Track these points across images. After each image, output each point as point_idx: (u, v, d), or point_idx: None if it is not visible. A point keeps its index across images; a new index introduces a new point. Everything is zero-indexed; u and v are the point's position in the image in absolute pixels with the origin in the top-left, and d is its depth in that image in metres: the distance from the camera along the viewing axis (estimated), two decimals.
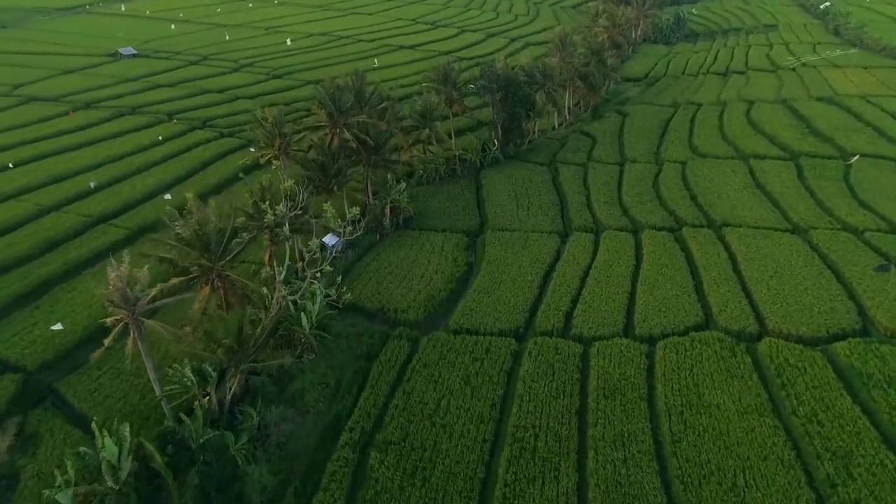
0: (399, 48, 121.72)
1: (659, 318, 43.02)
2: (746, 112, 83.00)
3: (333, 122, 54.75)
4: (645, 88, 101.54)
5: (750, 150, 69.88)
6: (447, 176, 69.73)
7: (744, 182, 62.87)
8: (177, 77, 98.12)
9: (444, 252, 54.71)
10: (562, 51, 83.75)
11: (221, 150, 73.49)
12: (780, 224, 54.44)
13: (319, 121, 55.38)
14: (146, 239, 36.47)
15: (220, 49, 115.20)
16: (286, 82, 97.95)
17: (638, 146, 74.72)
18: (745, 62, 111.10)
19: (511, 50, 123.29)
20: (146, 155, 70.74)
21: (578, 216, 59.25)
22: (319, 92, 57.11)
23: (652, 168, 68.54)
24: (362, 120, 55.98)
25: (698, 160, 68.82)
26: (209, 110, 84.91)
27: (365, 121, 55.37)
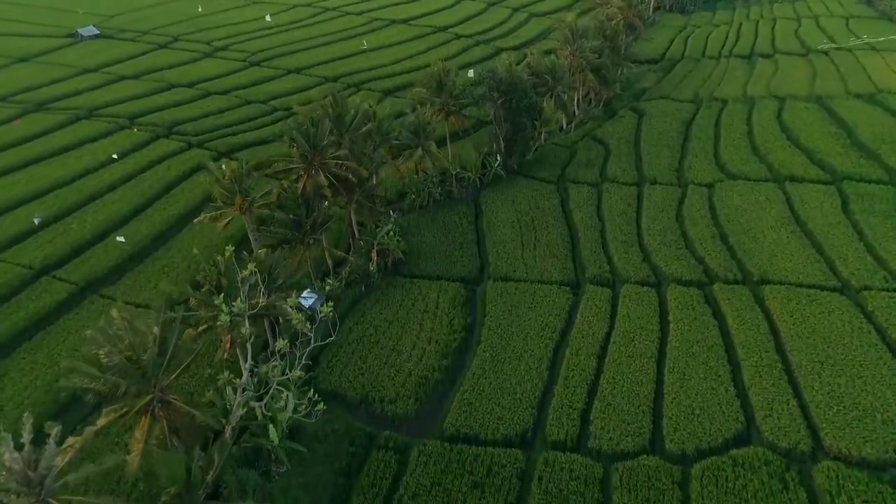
0: (391, 23, 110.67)
1: (692, 426, 36.30)
2: (777, 114, 74.09)
3: (308, 162, 46.50)
4: (662, 75, 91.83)
5: (785, 170, 61.64)
6: (443, 198, 61.77)
7: (780, 215, 55.03)
8: (142, 66, 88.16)
9: (438, 310, 47.55)
10: (572, 43, 74.06)
11: (188, 166, 64.95)
12: (827, 280, 47.03)
13: (291, 162, 47.02)
14: (64, 366, 29.36)
15: (193, 26, 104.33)
16: (264, 72, 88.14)
17: (657, 160, 66.33)
18: (771, 42, 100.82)
19: (514, 24, 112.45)
20: (101, 176, 62.38)
21: (592, 261, 51.74)
22: (290, 129, 48.42)
23: (674, 192, 60.47)
24: (342, 159, 47.60)
25: (727, 183, 60.66)
26: (176, 111, 75.72)
27: (346, 163, 47.03)
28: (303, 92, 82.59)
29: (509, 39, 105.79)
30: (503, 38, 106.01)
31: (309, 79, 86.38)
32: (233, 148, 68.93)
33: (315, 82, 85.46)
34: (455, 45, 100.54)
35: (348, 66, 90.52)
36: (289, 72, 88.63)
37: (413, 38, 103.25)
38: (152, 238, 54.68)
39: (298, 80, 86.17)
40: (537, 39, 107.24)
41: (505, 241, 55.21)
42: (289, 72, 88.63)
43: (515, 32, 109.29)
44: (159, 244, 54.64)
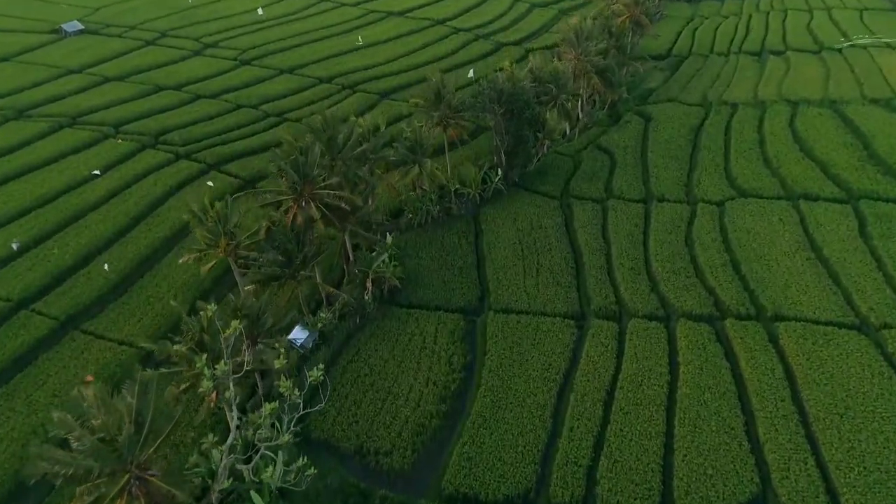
0: (387, 15, 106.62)
1: (705, 489, 34.34)
2: (790, 121, 71.07)
3: (298, 194, 43.82)
4: (669, 74, 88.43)
5: (799, 186, 58.95)
6: (441, 216, 59.20)
7: (795, 240, 52.53)
8: (128, 66, 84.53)
9: (436, 346, 45.40)
10: (577, 47, 70.68)
11: (176, 180, 62.16)
12: (845, 315, 44.74)
13: (281, 194, 44.29)
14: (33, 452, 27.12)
15: (182, 20, 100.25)
16: (255, 72, 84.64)
17: (665, 173, 63.58)
18: (782, 37, 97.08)
19: (515, 15, 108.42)
20: (83, 193, 59.56)
21: (598, 291, 49.39)
22: (278, 159, 45.55)
23: (683, 210, 57.85)
24: (334, 188, 44.89)
25: (738, 201, 58.01)
26: (163, 118, 72.50)
27: (339, 193, 44.31)
28: (296, 94, 79.54)
29: (510, 33, 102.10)
30: (504, 32, 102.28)
31: (302, 80, 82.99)
32: (222, 159, 66.13)
33: (309, 83, 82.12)
34: (454, 41, 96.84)
35: (343, 65, 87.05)
36: (281, 72, 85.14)
37: (410, 33, 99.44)
38: (137, 263, 52.23)
39: (291, 80, 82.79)
40: (539, 32, 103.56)
41: (506, 266, 52.80)
42: (281, 72, 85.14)
43: (517, 25, 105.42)
44: (144, 270, 52.21)
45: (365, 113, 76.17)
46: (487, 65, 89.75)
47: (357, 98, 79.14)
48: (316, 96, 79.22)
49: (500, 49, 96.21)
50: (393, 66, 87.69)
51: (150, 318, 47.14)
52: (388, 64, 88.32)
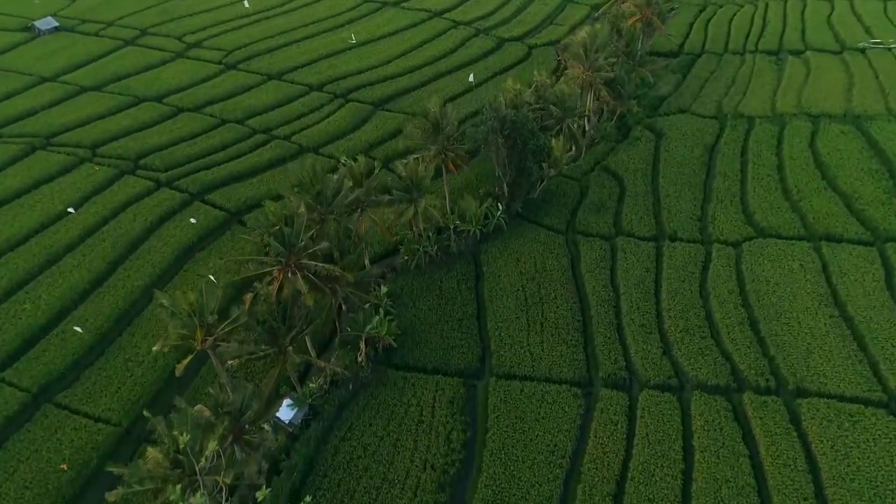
0: (383, 6, 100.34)
1: None
2: (810, 140, 66.73)
3: (285, 263, 40.18)
4: (680, 78, 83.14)
5: (821, 225, 55.24)
6: (440, 255, 55.61)
7: (817, 291, 49.13)
8: (106, 72, 79.32)
9: (434, 420, 42.64)
10: (585, 60, 65.69)
11: (156, 214, 58.40)
12: (871, 390, 41.78)
13: (266, 266, 40.54)
14: None
15: (162, 15, 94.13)
16: (241, 78, 79.50)
17: (677, 204, 59.67)
18: (801, 34, 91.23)
19: (516, 7, 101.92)
20: (56, 233, 55.81)
21: (606, 353, 46.29)
22: (262, 227, 41.60)
23: (697, 252, 54.23)
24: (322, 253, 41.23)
25: (756, 242, 54.30)
26: (144, 137, 68.11)
27: (327, 266, 40.63)
28: (285, 106, 74.79)
29: (512, 26, 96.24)
30: (506, 25, 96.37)
31: (291, 87, 78.01)
32: (206, 187, 62.20)
33: (298, 92, 77.17)
34: (453, 37, 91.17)
35: (335, 69, 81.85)
36: (269, 77, 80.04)
37: (406, 28, 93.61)
38: (114, 319, 48.96)
39: (280, 88, 77.80)
40: (543, 25, 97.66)
41: (509, 319, 49.57)
42: (269, 77, 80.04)
43: (519, 17, 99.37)
44: (122, 326, 49.01)
45: (359, 127, 72.24)
46: (488, 66, 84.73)
47: (350, 110, 74.37)
48: (306, 107, 74.49)
49: (502, 46, 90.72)
50: (388, 69, 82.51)
51: (128, 388, 44.16)
52: (382, 67, 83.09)
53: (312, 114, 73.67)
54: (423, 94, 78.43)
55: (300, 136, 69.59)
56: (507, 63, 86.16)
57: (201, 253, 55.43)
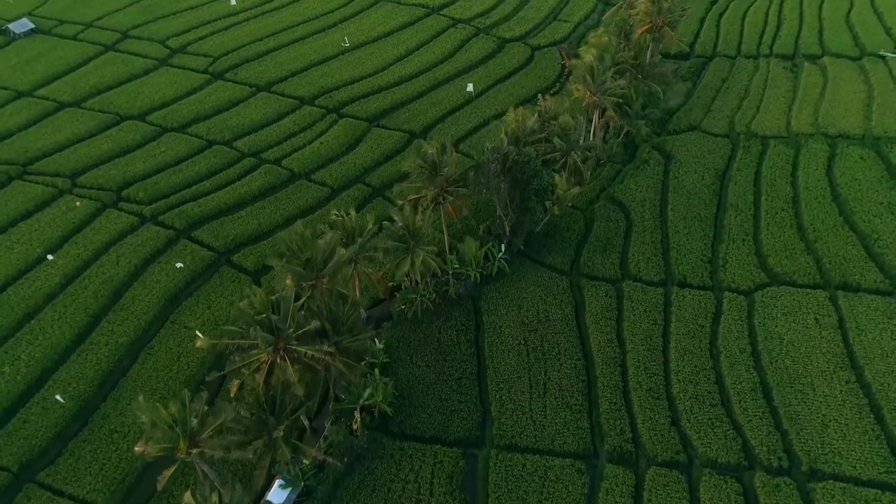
0: (377, 1, 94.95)
1: None
2: (827, 167, 63.54)
3: (274, 348, 37.73)
4: (691, 86, 79.14)
5: (838, 271, 52.69)
6: (439, 302, 53.11)
7: (833, 352, 46.95)
8: (86, 84, 75.14)
9: (432, 500, 40.98)
10: (591, 82, 61.84)
11: (141, 255, 55.75)
12: (889, 472, 40.01)
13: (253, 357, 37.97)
14: None
15: (144, 14, 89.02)
16: (229, 90, 75.44)
17: (687, 242, 56.91)
18: (818, 35, 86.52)
19: (516, 2, 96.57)
20: (35, 281, 53.20)
21: (612, 423, 44.29)
22: (246, 314, 38.78)
23: (708, 301, 51.73)
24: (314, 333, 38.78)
25: (770, 291, 51.78)
26: (126, 163, 64.80)
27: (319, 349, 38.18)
28: (275, 123, 71.13)
29: (514, 24, 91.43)
30: (507, 23, 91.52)
31: (281, 101, 74.08)
32: (193, 222, 59.35)
33: (288, 107, 73.35)
34: (452, 38, 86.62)
35: (327, 78, 77.73)
36: (258, 89, 76.00)
37: (402, 27, 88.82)
38: (98, 383, 46.80)
39: (269, 103, 73.90)
40: (545, 22, 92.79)
41: (510, 380, 47.49)
42: (258, 89, 76.00)
43: (521, 12, 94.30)
44: (107, 389, 46.88)
45: (353, 147, 68.87)
46: (489, 72, 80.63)
47: (343, 128, 70.73)
48: (297, 125, 70.85)
49: (504, 48, 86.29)
50: (383, 78, 78.40)
51: (113, 465, 42.32)
52: (377, 75, 78.95)
53: (304, 133, 70.10)
54: (420, 107, 74.81)
55: (291, 160, 66.23)
56: (508, 68, 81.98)
57: (188, 300, 52.92)
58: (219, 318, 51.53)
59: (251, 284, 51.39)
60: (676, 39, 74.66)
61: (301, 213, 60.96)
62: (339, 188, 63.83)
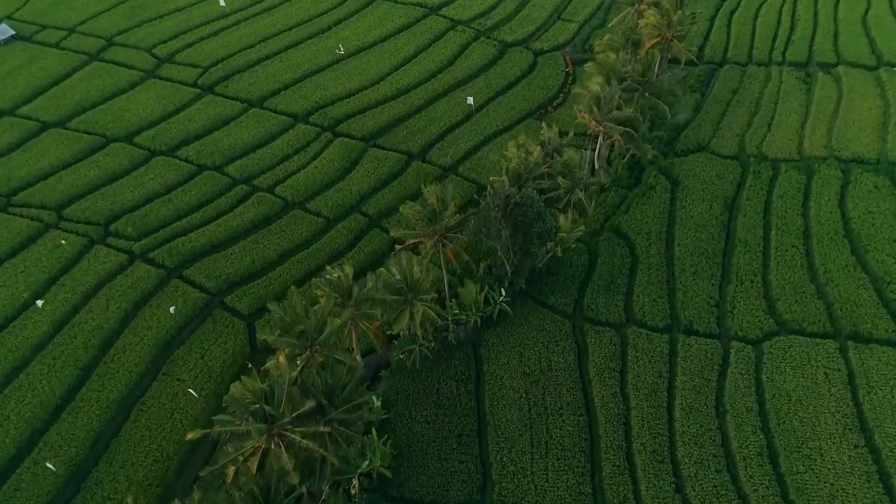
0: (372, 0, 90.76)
1: None
2: (840, 197, 61.37)
3: (266, 435, 36.45)
4: (699, 100, 76.06)
5: (849, 319, 51.14)
6: (438, 349, 51.75)
7: (842, 412, 45.76)
8: (70, 101, 72.12)
9: None
10: (597, 112, 59.13)
11: (131, 299, 54.22)
12: None
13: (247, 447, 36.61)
14: None
15: (129, 17, 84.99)
16: (219, 106, 72.50)
17: (694, 282, 55.21)
18: (833, 37, 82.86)
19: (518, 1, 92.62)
20: (23, 330, 51.67)
21: (614, 489, 43.37)
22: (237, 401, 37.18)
23: (714, 353, 50.28)
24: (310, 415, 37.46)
25: (778, 341, 50.29)
26: (115, 192, 62.69)
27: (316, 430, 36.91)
28: (267, 145, 68.53)
29: (515, 25, 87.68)
30: (509, 24, 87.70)
31: (274, 119, 71.27)
32: (184, 259, 57.64)
33: (281, 126, 70.61)
34: (451, 42, 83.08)
35: (321, 92, 74.68)
36: (250, 105, 73.07)
37: (400, 30, 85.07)
38: (89, 444, 45.76)
39: (261, 121, 71.09)
40: (548, 23, 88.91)
41: (511, 438, 46.48)
42: (250, 105, 73.07)
43: (523, 11, 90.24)
44: (99, 451, 45.84)
45: (349, 171, 66.59)
46: (489, 82, 77.53)
47: (338, 149, 68.18)
48: (291, 147, 68.29)
49: (505, 53, 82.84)
50: (379, 91, 75.38)
51: None
52: (373, 88, 75.90)
53: (298, 155, 67.62)
54: (419, 123, 72.14)
55: (285, 187, 63.99)
56: (510, 77, 78.84)
57: (180, 349, 51.51)
58: (212, 368, 50.32)
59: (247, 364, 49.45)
60: (686, 52, 71.24)
61: (296, 248, 59.15)
62: (334, 219, 61.75)
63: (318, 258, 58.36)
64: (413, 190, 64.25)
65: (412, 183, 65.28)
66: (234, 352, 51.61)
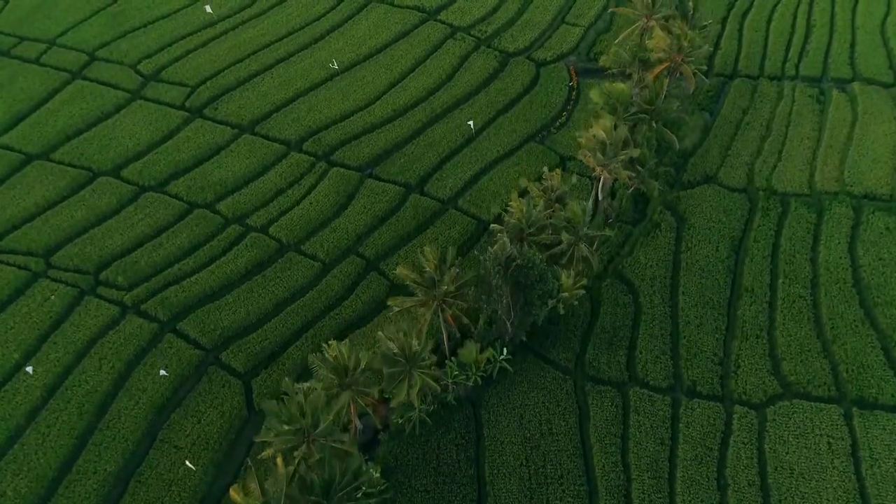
0: (368, 2, 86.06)
1: None
2: (850, 240, 59.66)
3: None
4: (708, 119, 73.19)
5: (854, 383, 50.40)
6: (437, 412, 51.16)
7: (843, 488, 45.56)
8: (54, 128, 68.88)
9: None
10: (602, 157, 56.74)
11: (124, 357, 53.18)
12: None
13: None
14: None
15: (110, 27, 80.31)
16: (208, 133, 69.51)
17: (698, 337, 54.22)
18: (850, 48, 79.15)
19: (519, 3, 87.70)
20: (15, 395, 50.77)
21: None
22: None
23: (717, 418, 49.75)
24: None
25: (782, 406, 49.72)
26: (103, 235, 60.78)
27: None
28: (259, 178, 66.22)
29: (518, 31, 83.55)
30: (510, 30, 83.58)
31: (266, 147, 68.58)
32: (178, 310, 56.44)
33: (274, 155, 68.03)
34: (450, 52, 79.23)
35: (315, 114, 71.68)
36: (241, 131, 70.19)
37: (396, 39, 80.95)
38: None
39: (253, 148, 68.43)
40: (552, 27, 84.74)
41: None
42: (241, 131, 70.19)
43: (524, 15, 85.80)
44: None
45: (345, 207, 64.66)
46: (490, 100, 74.50)
47: (334, 181, 65.91)
48: (284, 180, 66.02)
49: (507, 65, 79.26)
50: (375, 113, 72.38)
51: None
52: (368, 109, 72.81)
53: (292, 189, 65.36)
54: (416, 150, 69.70)
55: (279, 227, 62.11)
56: (511, 94, 75.72)
57: (177, 413, 50.86)
58: (209, 434, 49.84)
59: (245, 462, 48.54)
60: (694, 77, 67.84)
61: (291, 297, 57.78)
62: (331, 263, 60.12)
63: (314, 308, 57.13)
64: (412, 228, 62.80)
65: (410, 220, 63.60)
66: (231, 415, 50.98)
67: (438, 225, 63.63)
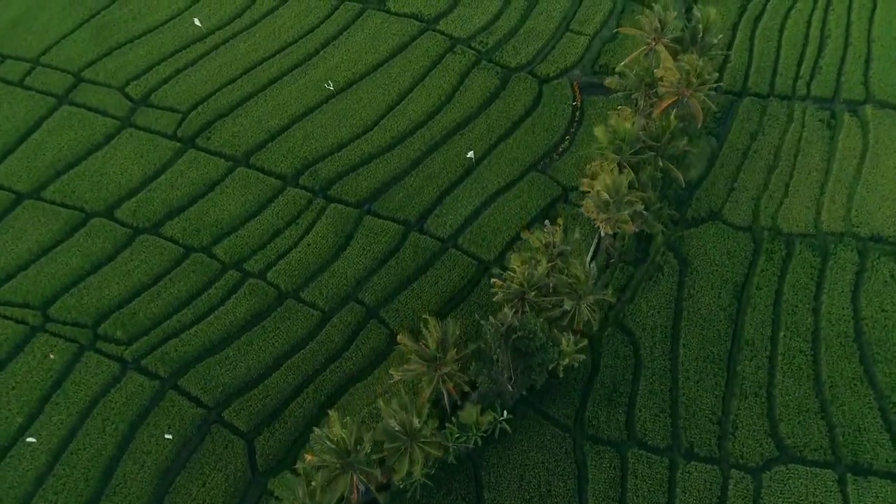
0: (364, 9, 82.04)
1: None
2: (854, 286, 59.20)
3: None
4: (714, 145, 71.12)
5: (850, 447, 51.13)
6: (437, 473, 51.99)
7: None
8: (43, 162, 66.85)
9: None
10: (607, 213, 55.53)
11: (127, 418, 53.68)
12: None
13: None
14: None
15: (98, 43, 76.56)
16: (202, 166, 67.62)
17: (697, 395, 54.63)
18: (864, 64, 76.09)
19: (520, 12, 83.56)
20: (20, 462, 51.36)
21: None
22: None
23: (713, 483, 50.70)
24: None
25: (778, 472, 50.54)
26: (100, 285, 60.05)
27: None
28: (255, 218, 65.03)
29: (520, 42, 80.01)
30: (511, 41, 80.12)
31: (262, 182, 66.96)
32: (178, 366, 56.66)
33: (270, 191, 66.49)
34: (449, 69, 76.17)
35: (311, 143, 69.66)
36: (235, 162, 68.35)
37: (393, 54, 77.62)
38: None
39: (248, 183, 66.80)
40: (556, 35, 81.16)
41: None
42: (235, 162, 68.35)
43: (527, 23, 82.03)
44: None
45: (344, 248, 63.85)
46: (490, 125, 72.35)
47: (331, 220, 64.73)
48: (281, 219, 64.85)
49: (508, 82, 76.44)
50: (373, 141, 70.32)
51: None
52: (366, 136, 70.71)
53: (289, 229, 64.27)
54: (415, 182, 68.25)
55: (277, 272, 61.43)
56: (513, 117, 73.47)
57: (182, 476, 51.71)
58: (215, 498, 50.83)
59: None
60: (701, 118, 65.38)
61: (291, 349, 57.81)
62: (330, 311, 59.79)
63: (314, 361, 57.27)
64: (411, 271, 62.23)
65: (409, 262, 62.94)
66: (236, 477, 51.89)
67: (438, 267, 62.92)
